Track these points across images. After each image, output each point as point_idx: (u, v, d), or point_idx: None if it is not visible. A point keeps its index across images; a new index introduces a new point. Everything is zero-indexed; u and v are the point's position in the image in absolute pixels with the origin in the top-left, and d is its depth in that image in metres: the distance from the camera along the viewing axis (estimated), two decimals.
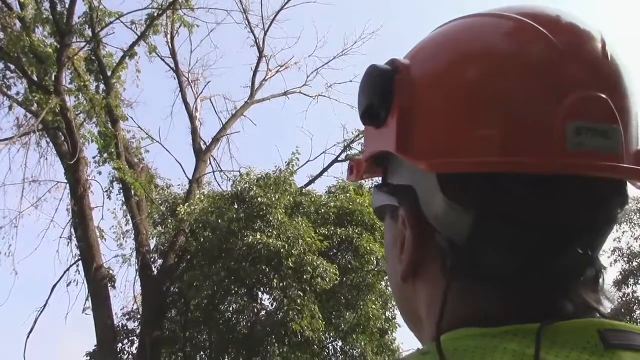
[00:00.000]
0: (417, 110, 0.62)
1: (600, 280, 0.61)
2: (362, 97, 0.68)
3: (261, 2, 16.20)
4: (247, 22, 15.16)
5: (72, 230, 12.04)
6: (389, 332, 12.50)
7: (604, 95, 0.56)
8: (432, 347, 0.56)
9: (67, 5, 10.67)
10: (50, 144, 11.97)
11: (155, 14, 11.95)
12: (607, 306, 0.62)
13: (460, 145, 0.58)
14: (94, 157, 11.74)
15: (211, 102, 15.66)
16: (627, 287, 18.74)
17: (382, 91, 0.64)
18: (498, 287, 0.58)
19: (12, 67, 10.95)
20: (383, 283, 12.58)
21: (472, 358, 0.53)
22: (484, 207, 0.57)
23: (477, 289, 0.59)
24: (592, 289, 0.59)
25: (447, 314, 0.58)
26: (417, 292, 0.65)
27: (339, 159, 14.25)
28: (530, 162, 0.55)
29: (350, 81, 15.95)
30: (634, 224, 19.17)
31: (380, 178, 0.75)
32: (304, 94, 16.16)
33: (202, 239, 11.49)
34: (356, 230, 11.89)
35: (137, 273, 12.20)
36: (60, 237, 12.33)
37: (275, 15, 15.10)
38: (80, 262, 11.80)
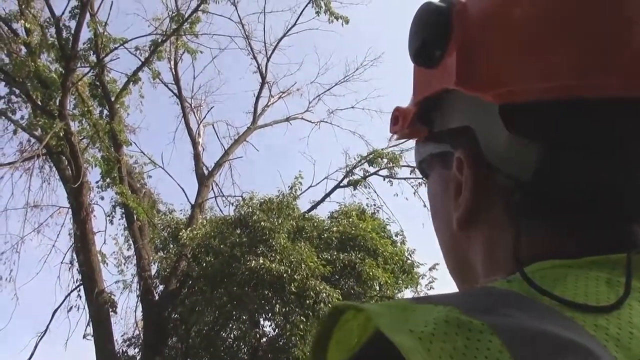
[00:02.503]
0: (478, 43, 0.60)
1: None
2: (416, 35, 0.65)
3: (264, 28, 16.45)
4: (250, 49, 15.29)
5: (74, 255, 11.98)
6: None
7: None
8: (513, 277, 0.52)
9: (72, 32, 10.77)
10: (54, 169, 11.98)
11: (160, 41, 12.06)
12: None
13: (529, 73, 0.56)
14: (97, 182, 11.75)
15: (214, 128, 15.74)
16: None
17: (439, 27, 0.62)
18: (569, 221, 0.56)
19: (17, 91, 11.02)
20: None
21: (565, 284, 0.49)
22: (553, 138, 0.55)
23: (547, 225, 0.56)
24: None
25: (509, 258, 0.55)
26: (473, 240, 0.62)
27: (342, 184, 14.25)
28: (613, 83, 0.53)
29: (352, 107, 16.09)
30: None
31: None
32: (306, 120, 16.22)
33: (204, 264, 11.41)
34: (359, 256, 11.82)
35: (139, 298, 12.11)
36: (62, 262, 12.28)
37: (278, 42, 15.24)
38: (81, 288, 11.72)
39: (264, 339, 11.67)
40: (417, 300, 0.48)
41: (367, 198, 14.39)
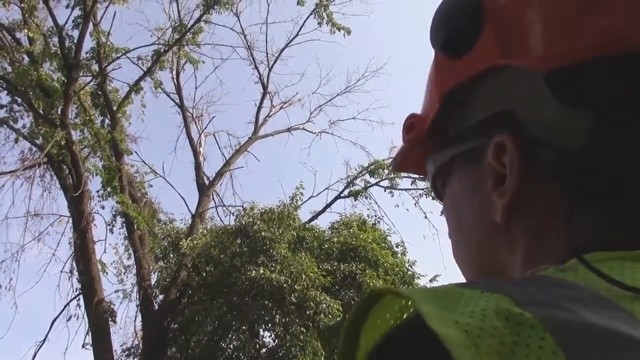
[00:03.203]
0: (514, 21, 0.59)
1: None
2: (446, 23, 0.64)
3: (266, 39, 16.57)
4: (252, 59, 15.37)
5: (74, 263, 11.95)
6: None
7: None
8: (567, 265, 0.48)
9: (75, 41, 10.82)
10: (55, 178, 11.98)
11: (162, 50, 12.10)
12: None
13: (574, 35, 0.54)
14: (97, 191, 11.74)
15: (215, 137, 15.77)
16: None
17: (472, 11, 0.61)
18: (627, 203, 0.52)
19: (19, 100, 11.04)
20: None
21: (622, 274, 0.45)
22: (603, 102, 0.52)
23: (602, 209, 0.52)
24: None
25: (562, 242, 0.51)
26: (514, 235, 0.58)
27: (342, 195, 14.24)
28: None
29: (354, 118, 16.12)
30: None
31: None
32: (308, 131, 16.25)
33: (204, 274, 11.39)
34: (359, 266, 11.79)
35: (138, 308, 12.06)
36: (62, 271, 12.25)
37: (280, 53, 15.31)
38: (81, 297, 11.69)
39: (264, 350, 11.61)
40: (463, 285, 0.43)
41: (368, 209, 14.39)
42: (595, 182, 0.52)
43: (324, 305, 10.47)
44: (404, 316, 0.44)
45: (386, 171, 13.93)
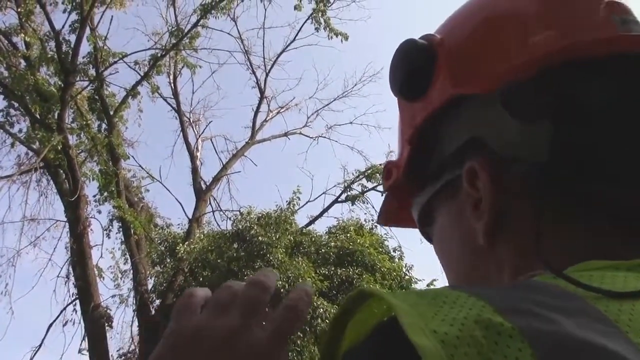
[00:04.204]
0: (463, 58, 0.63)
1: None
2: (401, 68, 0.67)
3: (263, 44, 16.50)
4: (249, 64, 15.36)
5: (70, 268, 11.94)
6: None
7: None
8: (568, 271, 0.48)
9: (72, 45, 10.80)
10: (51, 182, 11.94)
11: (159, 55, 12.09)
12: None
13: (517, 55, 0.58)
14: (94, 196, 11.72)
15: (212, 142, 15.76)
16: None
17: (424, 56, 0.65)
18: (602, 213, 0.53)
19: (16, 105, 11.03)
20: None
21: (614, 283, 0.44)
22: (558, 113, 0.54)
23: (579, 222, 0.53)
24: None
25: (547, 256, 0.51)
26: (501, 255, 0.58)
27: (339, 199, 14.23)
28: (596, 40, 0.56)
29: (351, 123, 16.11)
30: None
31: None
32: (305, 135, 16.23)
33: (201, 279, 11.35)
34: (357, 271, 11.79)
35: (135, 313, 12.03)
36: (58, 276, 12.23)
37: (277, 57, 15.29)
38: (77, 302, 11.66)
39: None
40: (451, 287, 0.44)
41: (365, 213, 14.35)
42: (566, 193, 0.53)
43: (321, 310, 10.46)
44: (390, 313, 0.45)
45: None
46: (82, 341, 11.51)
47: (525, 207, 0.56)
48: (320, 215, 13.97)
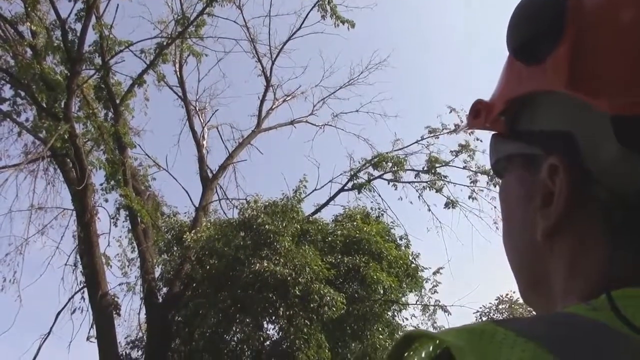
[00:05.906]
0: (591, 44, 0.55)
1: None
2: (523, 27, 0.61)
3: (269, 32, 16.47)
4: (255, 52, 15.32)
5: (78, 257, 12.00)
6: None
7: None
8: (599, 302, 0.49)
9: (78, 34, 10.80)
10: (58, 171, 11.99)
11: (165, 43, 12.07)
12: None
13: None
14: (101, 184, 11.76)
15: (218, 130, 15.78)
16: None
17: (552, 20, 0.57)
18: None
19: (23, 94, 11.04)
20: (390, 313, 12.44)
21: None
22: None
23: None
24: None
25: (598, 274, 0.52)
26: (557, 252, 0.58)
27: (346, 188, 14.24)
28: None
29: (357, 111, 16.07)
30: None
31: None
32: (311, 123, 16.24)
33: (208, 267, 11.40)
34: (363, 259, 11.81)
35: (142, 301, 12.10)
36: (66, 264, 12.31)
37: (283, 46, 15.25)
38: (85, 290, 11.74)
39: (268, 342, 11.65)
40: (498, 323, 0.44)
41: (372, 202, 14.40)
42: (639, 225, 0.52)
43: (328, 297, 10.48)
44: (437, 352, 0.46)
45: (389, 164, 13.92)
46: (90, 329, 11.62)
47: (593, 224, 0.55)
48: (327, 203, 13.99)
